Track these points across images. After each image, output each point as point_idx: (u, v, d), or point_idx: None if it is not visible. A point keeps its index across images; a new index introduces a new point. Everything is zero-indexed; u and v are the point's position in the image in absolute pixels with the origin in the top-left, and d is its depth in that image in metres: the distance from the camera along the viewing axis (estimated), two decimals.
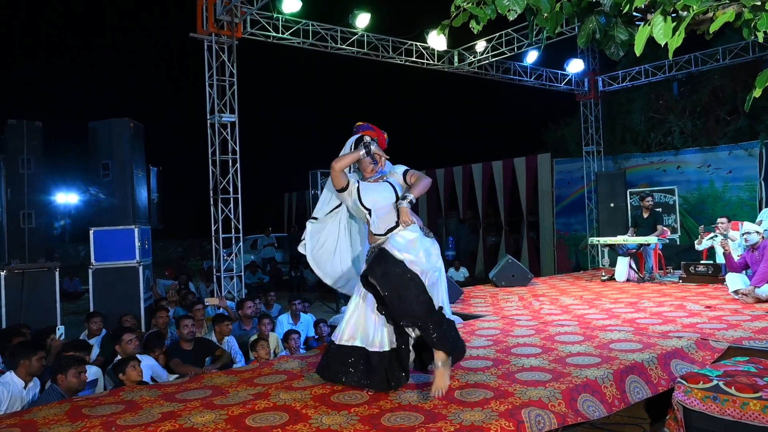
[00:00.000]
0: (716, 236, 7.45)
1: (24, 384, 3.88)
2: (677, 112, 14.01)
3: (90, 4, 26.61)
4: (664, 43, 2.08)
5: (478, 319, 5.60)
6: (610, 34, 2.40)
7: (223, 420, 2.91)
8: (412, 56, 10.71)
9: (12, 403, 3.72)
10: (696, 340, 4.22)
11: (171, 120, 21.34)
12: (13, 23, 27.22)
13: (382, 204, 3.41)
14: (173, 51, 23.78)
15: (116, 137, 6.77)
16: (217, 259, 9.06)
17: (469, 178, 15.52)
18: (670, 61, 11.35)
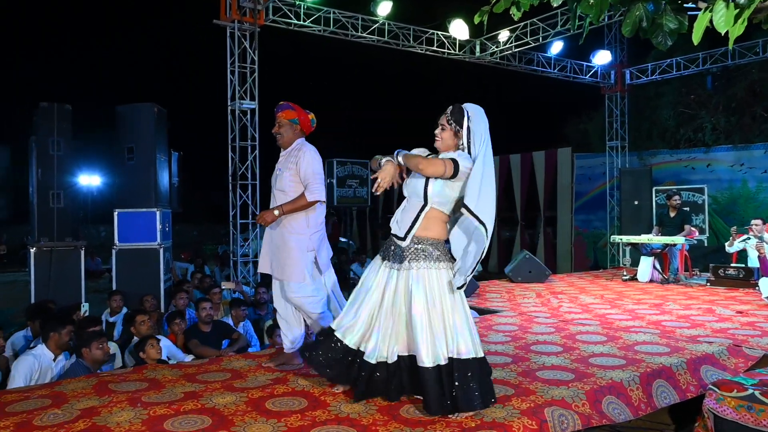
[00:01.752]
0: (749, 238, 7.24)
1: (53, 356, 4.04)
2: (710, 108, 13.62)
3: None
4: (724, 31, 1.97)
5: (494, 314, 5.53)
6: (658, 22, 2.28)
7: (244, 402, 2.95)
8: (432, 45, 10.57)
9: (42, 374, 3.86)
10: (728, 346, 4.10)
11: (192, 105, 21.41)
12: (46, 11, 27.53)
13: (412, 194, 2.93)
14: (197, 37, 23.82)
15: (141, 122, 6.83)
16: (233, 243, 9.09)
17: None
18: (705, 54, 11.01)
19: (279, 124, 3.59)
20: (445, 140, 2.90)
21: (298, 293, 3.48)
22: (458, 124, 2.86)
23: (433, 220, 2.87)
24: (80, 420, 2.70)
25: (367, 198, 9.95)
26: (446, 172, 2.75)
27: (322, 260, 3.62)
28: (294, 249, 3.48)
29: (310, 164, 3.49)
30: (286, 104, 3.61)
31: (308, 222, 3.52)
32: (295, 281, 3.47)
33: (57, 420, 2.71)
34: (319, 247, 3.59)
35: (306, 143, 3.64)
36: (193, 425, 2.65)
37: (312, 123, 3.68)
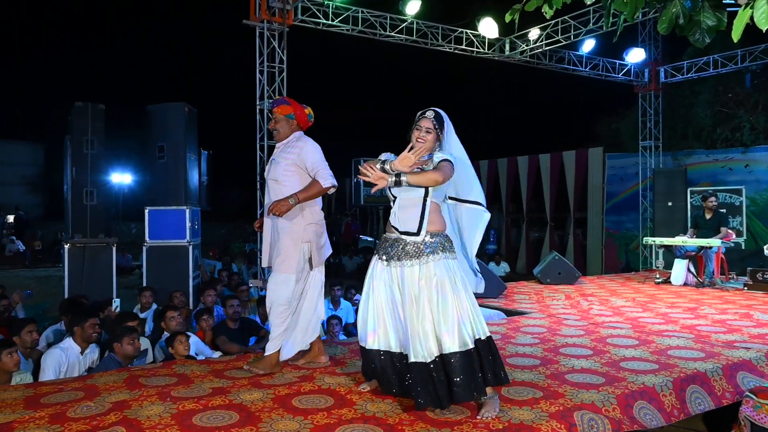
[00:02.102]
0: None
1: (80, 349, 4.11)
2: (748, 107, 13.17)
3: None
4: (766, 28, 1.89)
5: (522, 316, 5.46)
6: (695, 18, 2.20)
7: (270, 399, 2.97)
8: (461, 44, 10.49)
9: (71, 367, 3.95)
10: (766, 352, 3.95)
11: (222, 105, 21.76)
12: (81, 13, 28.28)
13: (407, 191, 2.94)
14: (226, 37, 24.21)
15: (172, 121, 6.93)
16: (261, 242, 9.16)
17: (514, 170, 15.19)
18: (743, 51, 10.65)
19: (275, 119, 3.56)
20: (428, 142, 3.01)
21: (279, 285, 3.40)
22: (441, 128, 3.03)
23: (434, 213, 2.96)
24: (112, 413, 2.76)
25: None
26: (451, 175, 2.87)
27: (317, 255, 3.49)
28: (287, 239, 3.41)
29: (314, 153, 3.44)
30: (281, 99, 3.59)
31: (303, 213, 3.44)
32: (282, 271, 3.39)
33: (90, 412, 2.76)
34: (315, 240, 3.48)
35: (300, 134, 3.58)
36: (221, 420, 2.67)
37: (309, 117, 3.62)
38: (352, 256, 13.08)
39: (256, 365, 3.42)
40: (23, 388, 3.18)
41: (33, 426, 2.59)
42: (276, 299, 3.41)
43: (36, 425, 2.60)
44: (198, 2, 25.87)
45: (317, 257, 3.51)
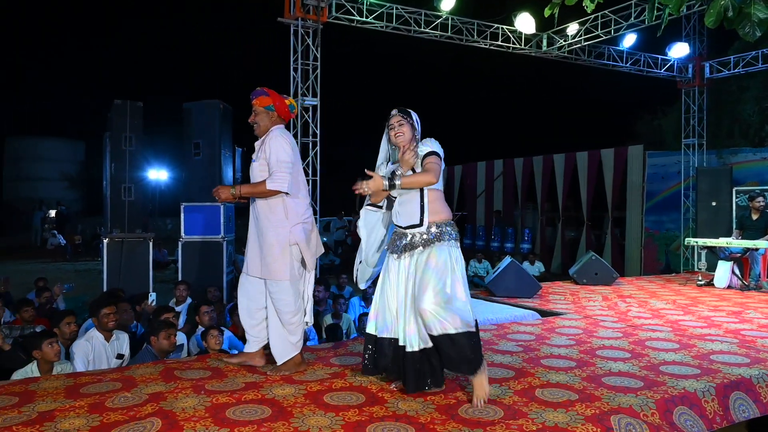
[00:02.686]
0: None
1: (104, 337, 4.13)
2: None
3: None
4: None
5: (557, 317, 5.35)
6: (745, 11, 2.09)
7: (302, 395, 2.99)
8: (497, 40, 10.34)
9: (98, 355, 4.04)
10: None
11: None
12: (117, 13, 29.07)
13: None
14: (261, 35, 24.51)
15: (207, 118, 7.05)
16: None
17: (550, 168, 14.89)
18: None
19: (254, 112, 3.36)
20: (406, 134, 3.11)
21: (279, 294, 3.26)
22: (409, 118, 3.13)
23: (435, 202, 3.03)
24: (148, 404, 2.81)
25: None
26: (442, 164, 3.04)
27: (309, 256, 3.36)
28: (274, 244, 3.24)
29: (275, 151, 3.24)
30: (260, 90, 3.37)
31: (287, 213, 3.26)
32: (276, 278, 3.25)
33: (127, 403, 2.83)
34: (304, 241, 3.32)
35: (277, 130, 3.36)
36: (253, 414, 2.70)
37: (291, 109, 3.43)
38: None
39: (281, 368, 3.35)
40: (64, 378, 3.28)
41: (73, 415, 2.66)
42: (282, 308, 3.28)
43: (76, 414, 2.67)
44: (233, 0, 26.28)
45: (309, 257, 3.37)
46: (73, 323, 4.40)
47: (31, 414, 2.67)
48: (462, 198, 17.01)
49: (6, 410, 2.71)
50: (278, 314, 3.31)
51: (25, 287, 7.46)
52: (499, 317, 5.20)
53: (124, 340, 4.26)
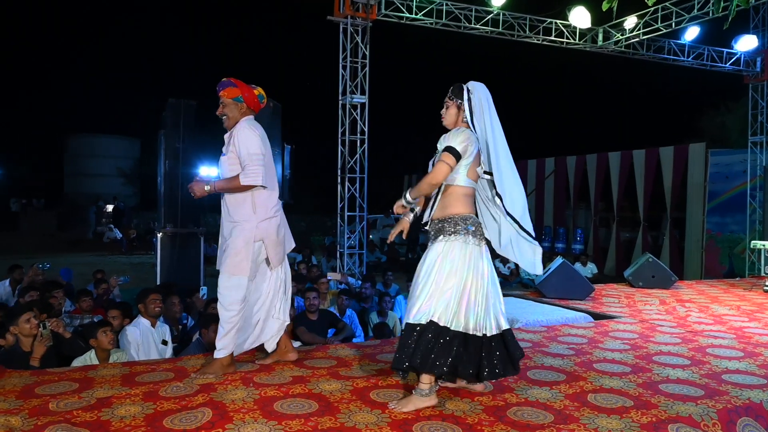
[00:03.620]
0: None
1: (150, 323, 4.35)
2: None
3: None
4: None
5: (611, 320, 5.16)
6: None
7: (349, 391, 2.99)
8: (550, 35, 10.10)
9: (145, 339, 4.22)
10: None
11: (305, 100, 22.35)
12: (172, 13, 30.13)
13: None
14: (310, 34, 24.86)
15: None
16: (341, 235, 9.31)
17: (605, 167, 14.42)
18: None
19: (222, 104, 3.22)
20: (448, 117, 2.95)
21: (226, 291, 3.13)
22: (459, 98, 2.91)
23: (450, 198, 2.85)
24: (199, 394, 2.88)
25: None
26: (451, 163, 2.79)
27: (274, 254, 3.22)
28: (237, 239, 3.12)
29: (244, 144, 3.10)
30: (227, 81, 3.20)
31: (254, 208, 3.13)
32: (230, 273, 3.12)
33: (179, 392, 2.90)
34: (272, 237, 3.20)
35: (245, 121, 3.22)
36: (300, 409, 2.72)
37: (260, 99, 3.28)
38: None
39: (206, 370, 3.16)
40: (120, 366, 3.41)
41: (129, 402, 2.75)
42: (225, 302, 3.15)
43: (131, 401, 2.76)
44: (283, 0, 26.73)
45: (275, 255, 3.23)
46: (119, 317, 4.56)
47: (90, 400, 2.77)
48: None
49: (67, 395, 2.83)
50: (220, 309, 3.18)
51: (84, 278, 7.81)
52: (549, 319, 5.06)
53: (166, 328, 4.48)
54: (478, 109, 2.89)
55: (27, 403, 2.71)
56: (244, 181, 3.07)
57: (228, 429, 2.47)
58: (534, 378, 3.28)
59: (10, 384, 2.99)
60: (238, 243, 3.12)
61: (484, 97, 2.92)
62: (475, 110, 2.89)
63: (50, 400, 2.76)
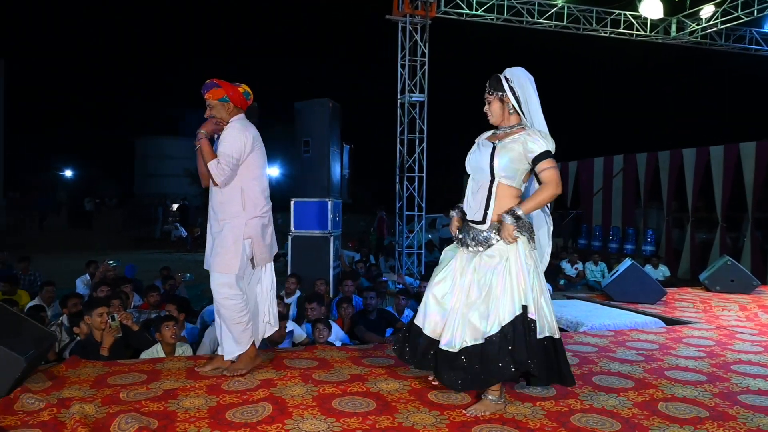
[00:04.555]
0: None
1: None
2: None
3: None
4: None
5: (685, 326, 4.87)
6: None
7: (407, 391, 2.97)
8: (618, 27, 9.70)
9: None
10: None
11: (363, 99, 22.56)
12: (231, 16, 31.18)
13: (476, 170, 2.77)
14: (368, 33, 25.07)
15: (317, 116, 7.23)
16: (399, 235, 9.30)
17: (678, 164, 13.64)
18: None
19: (209, 106, 3.17)
20: (494, 113, 2.79)
21: (221, 289, 3.11)
22: (499, 90, 2.75)
23: (506, 198, 2.70)
24: (260, 389, 2.94)
25: None
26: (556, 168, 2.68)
27: (259, 253, 3.21)
28: (226, 236, 3.11)
29: (224, 141, 3.09)
30: (210, 83, 3.15)
31: (244, 205, 3.13)
32: (220, 272, 3.10)
33: (241, 387, 2.97)
34: (259, 236, 3.18)
35: (237, 121, 3.19)
36: (358, 407, 2.72)
37: (246, 96, 3.22)
38: None
39: (236, 367, 3.17)
40: (185, 360, 3.53)
41: (193, 394, 2.85)
42: (224, 303, 3.13)
43: (196, 394, 2.85)
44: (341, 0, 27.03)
45: (260, 255, 3.22)
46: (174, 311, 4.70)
47: (157, 391, 2.89)
48: (576, 196, 16.14)
49: (136, 386, 2.96)
50: (220, 309, 3.17)
51: (151, 274, 8.17)
52: (616, 323, 4.84)
53: None
54: (523, 98, 2.74)
55: (100, 392, 2.85)
56: (212, 168, 3.06)
57: (287, 424, 2.50)
58: (600, 384, 3.15)
59: (85, 374, 3.15)
60: (227, 241, 3.11)
61: (525, 82, 2.76)
62: (520, 98, 2.74)
63: (121, 390, 2.89)
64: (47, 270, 8.54)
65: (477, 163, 2.76)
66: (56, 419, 2.49)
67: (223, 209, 3.15)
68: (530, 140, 2.66)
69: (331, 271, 6.94)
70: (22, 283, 6.64)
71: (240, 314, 3.15)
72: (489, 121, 2.84)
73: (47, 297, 5.50)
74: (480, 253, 2.72)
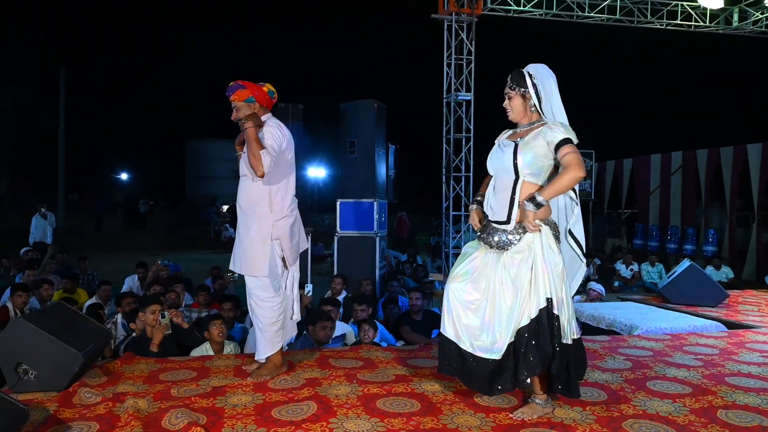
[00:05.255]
0: None
1: None
2: None
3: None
4: None
5: (748, 330, 4.62)
6: None
7: (452, 392, 2.93)
8: (675, 19, 9.29)
9: None
10: None
11: (408, 99, 22.48)
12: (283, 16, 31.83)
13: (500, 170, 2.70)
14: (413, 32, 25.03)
15: (362, 117, 7.27)
16: (446, 235, 9.22)
17: (742, 160, 12.94)
18: None
19: (235, 108, 3.16)
20: (514, 108, 2.72)
21: (254, 291, 3.12)
22: (521, 86, 2.66)
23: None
24: (305, 388, 2.97)
25: (591, 191, 9.18)
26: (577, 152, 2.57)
27: (289, 253, 3.19)
28: (255, 238, 3.10)
29: (269, 136, 3.08)
30: (235, 85, 3.14)
31: (271, 206, 3.11)
32: (250, 274, 3.11)
33: (287, 385, 3.01)
34: (287, 236, 3.16)
35: (270, 119, 3.20)
36: (402, 407, 2.71)
37: (271, 95, 3.23)
38: None
39: (262, 372, 3.15)
40: (233, 358, 3.61)
41: (240, 392, 2.90)
42: (258, 305, 3.15)
43: (243, 391, 2.91)
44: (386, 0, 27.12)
45: (290, 255, 3.21)
46: (231, 309, 4.77)
47: (206, 388, 2.96)
48: (632, 194, 15.57)
49: (186, 383, 3.05)
50: (254, 311, 3.19)
51: (202, 274, 8.42)
52: (674, 326, 4.63)
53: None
54: (545, 96, 2.67)
55: (152, 388, 2.95)
56: (264, 157, 2.99)
57: (331, 423, 2.51)
58: (654, 389, 3.02)
59: (138, 370, 3.27)
60: (255, 243, 3.12)
61: (548, 79, 2.69)
62: (542, 96, 2.67)
63: (172, 386, 2.98)
64: (104, 269, 8.94)
65: (500, 163, 2.69)
66: (111, 413, 2.59)
67: (251, 210, 3.15)
68: (550, 132, 2.60)
69: (377, 272, 6.95)
70: (81, 282, 6.95)
71: (273, 316, 3.18)
72: (508, 117, 2.77)
73: (104, 295, 5.76)
74: (506, 252, 2.64)
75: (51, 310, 3.31)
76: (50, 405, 2.68)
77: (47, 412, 2.61)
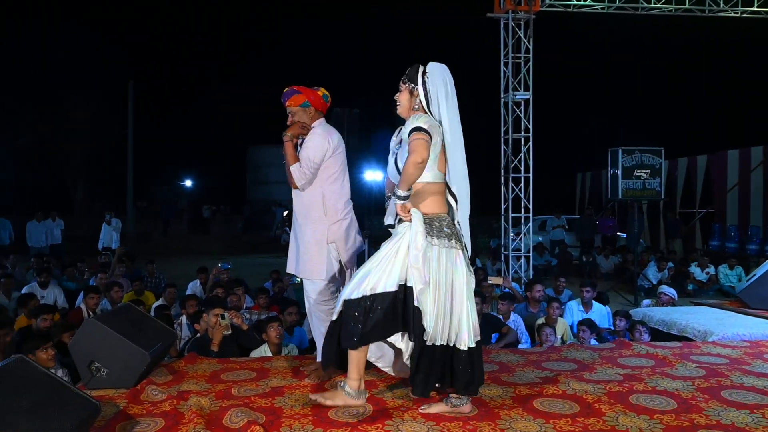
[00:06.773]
0: None
1: None
2: None
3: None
4: None
5: None
6: None
7: (510, 397, 2.89)
8: (752, 6, 8.73)
9: None
10: None
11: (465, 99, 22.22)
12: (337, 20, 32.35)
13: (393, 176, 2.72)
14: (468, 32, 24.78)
15: None
16: (505, 237, 9.05)
17: None
18: None
19: (291, 113, 3.20)
20: (402, 104, 2.68)
21: (314, 294, 3.15)
22: (412, 82, 2.63)
23: (419, 196, 2.59)
24: None
25: (661, 190, 8.75)
26: (428, 146, 2.52)
27: (346, 256, 3.20)
28: (310, 242, 3.15)
29: (307, 146, 3.12)
30: (290, 90, 3.18)
31: (326, 210, 3.14)
32: (307, 278, 3.16)
33: None
34: (342, 239, 3.18)
35: (320, 127, 3.21)
36: None
37: (325, 98, 3.24)
38: (608, 255, 12.04)
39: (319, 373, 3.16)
40: (291, 359, 3.67)
41: (298, 393, 2.94)
42: (314, 307, 3.20)
43: (301, 392, 2.95)
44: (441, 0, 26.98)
45: (346, 257, 3.21)
46: (295, 313, 4.86)
47: (265, 388, 3.02)
48: (707, 193, 14.70)
49: (246, 383, 3.12)
50: (313, 313, 3.23)
51: (262, 277, 8.62)
52: (752, 333, 4.32)
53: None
54: (434, 96, 2.61)
55: (214, 387, 3.04)
56: (294, 171, 3.12)
57: (387, 425, 2.51)
58: (730, 399, 2.84)
59: (201, 369, 3.38)
60: (311, 247, 3.17)
61: (442, 81, 2.62)
62: (431, 97, 2.61)
63: (232, 385, 3.06)
64: (170, 273, 9.34)
65: (390, 170, 2.75)
66: (176, 410, 2.69)
67: (306, 214, 3.20)
68: (409, 127, 2.55)
69: None
70: (148, 285, 7.29)
71: (330, 319, 3.16)
72: (396, 111, 2.72)
73: (170, 298, 6.01)
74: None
75: (121, 312, 3.47)
76: (120, 401, 2.81)
77: (117, 407, 2.73)
